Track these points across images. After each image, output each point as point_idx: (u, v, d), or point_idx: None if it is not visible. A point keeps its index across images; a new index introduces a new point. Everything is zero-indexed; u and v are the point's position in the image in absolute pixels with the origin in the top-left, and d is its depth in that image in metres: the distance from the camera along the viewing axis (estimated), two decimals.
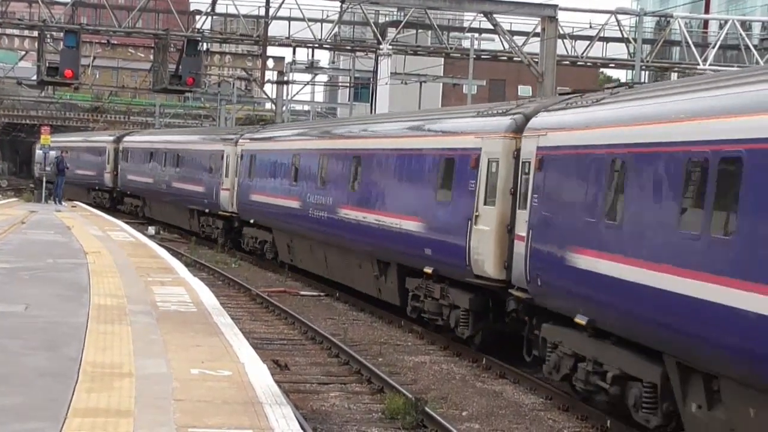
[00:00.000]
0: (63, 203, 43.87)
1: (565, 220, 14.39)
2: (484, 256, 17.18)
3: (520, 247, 15.85)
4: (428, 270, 19.33)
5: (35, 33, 42.86)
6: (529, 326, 15.99)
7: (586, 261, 13.47)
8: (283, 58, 58.96)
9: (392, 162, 21.95)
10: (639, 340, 12.29)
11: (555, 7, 39.45)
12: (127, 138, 56.89)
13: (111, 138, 58.62)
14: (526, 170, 16.13)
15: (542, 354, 15.30)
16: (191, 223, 40.81)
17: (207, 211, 38.19)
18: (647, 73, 59.98)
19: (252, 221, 32.95)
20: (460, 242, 17.97)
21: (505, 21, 42.28)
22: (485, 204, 17.48)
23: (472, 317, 18.08)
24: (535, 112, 16.76)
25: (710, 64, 46.33)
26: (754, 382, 9.83)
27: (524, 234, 15.67)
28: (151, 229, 40.88)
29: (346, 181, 24.47)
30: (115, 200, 55.62)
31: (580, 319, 13.54)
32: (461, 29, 50.22)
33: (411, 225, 20.30)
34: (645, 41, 45.91)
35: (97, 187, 58.78)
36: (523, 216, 15.98)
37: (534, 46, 40.94)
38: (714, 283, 10.42)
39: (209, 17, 44.09)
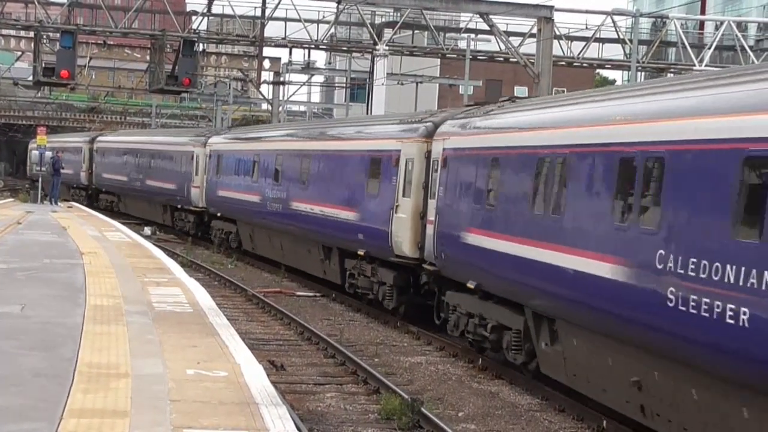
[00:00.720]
0: (59, 204, 43.76)
1: (461, 206, 18.11)
2: (402, 239, 20.78)
3: (429, 230, 19.60)
4: (361, 252, 22.94)
5: (31, 34, 42.83)
6: (438, 294, 19.80)
7: (474, 238, 17.30)
8: (280, 58, 58.96)
9: (334, 162, 25.86)
10: (509, 297, 16.22)
11: (551, 8, 39.49)
12: (100, 138, 60.20)
13: (86, 138, 61.46)
14: (435, 168, 19.88)
15: (446, 316, 18.88)
16: (164, 218, 44.37)
17: (179, 206, 41.75)
18: (643, 73, 60.07)
19: (219, 214, 36.69)
20: (384, 228, 21.60)
21: (502, 22, 42.29)
22: (403, 196, 21.03)
23: (396, 291, 21.65)
24: (443, 120, 20.43)
25: (706, 65, 46.39)
26: (578, 321, 13.82)
27: (433, 219, 19.46)
28: (147, 230, 40.88)
29: (297, 178, 28.21)
30: (90, 197, 58.80)
31: (471, 284, 17.25)
32: (457, 30, 50.24)
33: (348, 215, 24.07)
34: (641, 42, 45.95)
35: (75, 185, 61.81)
36: (432, 204, 19.68)
37: (530, 46, 40.96)
38: (546, 249, 14.46)
39: (205, 18, 44.08)
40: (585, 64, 47.64)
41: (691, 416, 11.33)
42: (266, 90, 62.34)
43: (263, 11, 40.53)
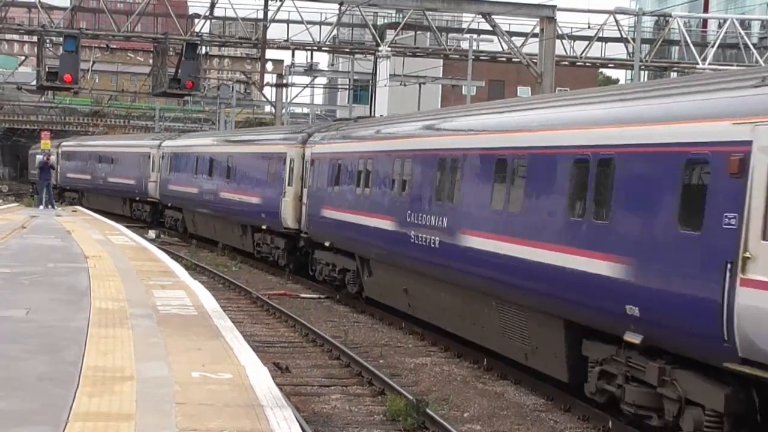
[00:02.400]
0: (56, 206, 43.65)
1: (321, 192, 26.69)
2: (288, 216, 29.54)
3: (304, 209, 28.30)
4: (264, 227, 31.71)
5: (35, 38, 42.86)
6: (311, 254, 28.03)
7: (328, 212, 25.84)
8: (282, 60, 58.91)
9: (246, 161, 34.98)
10: (348, 249, 24.39)
11: (553, 7, 39.48)
12: (65, 143, 68.23)
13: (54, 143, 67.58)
14: (308, 166, 28.47)
15: (316, 268, 27.34)
16: (123, 209, 52.39)
17: (137, 199, 50.58)
18: (646, 72, 59.99)
19: (170, 205, 45.54)
20: (277, 209, 30.21)
21: (504, 22, 42.29)
22: (288, 185, 29.78)
23: (286, 253, 30.29)
24: (313, 132, 29.56)
25: (709, 63, 46.35)
26: (380, 259, 21.95)
27: (305, 201, 28.12)
28: (152, 233, 40.91)
29: (224, 174, 36.81)
30: (59, 195, 64.07)
31: (327, 244, 25.71)
32: (460, 30, 50.23)
33: (256, 200, 32.67)
34: (644, 41, 45.94)
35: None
36: (306, 192, 28.37)
37: (533, 46, 40.97)
38: (362, 215, 22.13)
39: (208, 21, 44.16)
40: (588, 64, 47.63)
41: (438, 308, 19.21)
42: (269, 92, 62.43)
43: (265, 13, 40.56)
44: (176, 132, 58.39)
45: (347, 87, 66.53)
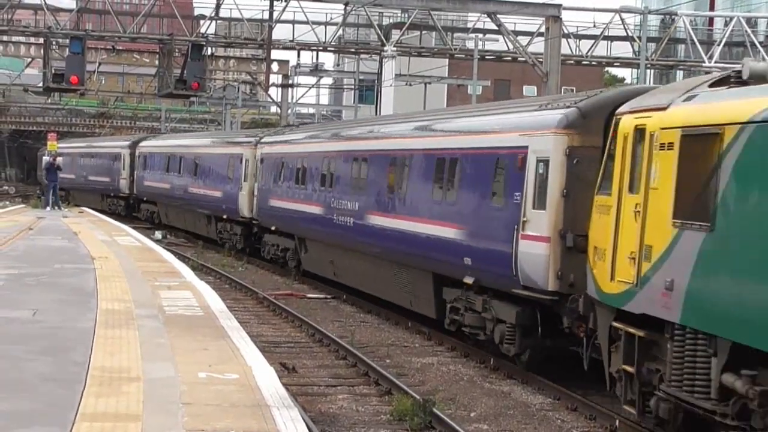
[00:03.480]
0: (62, 208, 43.67)
1: (267, 186, 31.83)
2: (244, 207, 34.32)
3: (255, 201, 33.18)
4: (225, 217, 36.91)
5: (41, 40, 42.92)
6: (262, 237, 33.15)
7: (273, 202, 31.02)
8: (288, 61, 58.94)
9: (212, 160, 39.76)
10: (288, 231, 29.74)
11: (559, 6, 39.46)
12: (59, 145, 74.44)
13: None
14: (260, 164, 33.25)
15: (265, 249, 32.62)
16: (102, 204, 56.86)
17: (112, 194, 56.25)
18: (652, 71, 59.86)
19: (145, 199, 50.60)
20: (235, 201, 35.07)
21: (509, 21, 42.28)
22: (244, 181, 34.50)
23: (242, 238, 35.53)
24: (264, 136, 34.87)
25: (716, 62, 46.28)
26: (312, 238, 27.46)
27: (256, 194, 33.09)
28: (158, 234, 40.95)
29: (192, 171, 41.89)
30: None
31: (273, 228, 31.26)
32: (465, 30, 50.26)
33: (218, 194, 37.67)
34: (650, 39, 45.86)
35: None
36: (258, 186, 33.12)
37: (538, 45, 40.93)
38: (300, 204, 28.00)
39: (213, 22, 44.15)
40: (594, 62, 47.60)
41: (355, 274, 24.59)
42: (275, 93, 62.40)
43: (271, 14, 40.58)
44: (156, 133, 66.07)
45: (353, 87, 66.54)
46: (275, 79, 56.32)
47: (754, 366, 10.10)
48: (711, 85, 12.06)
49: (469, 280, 17.81)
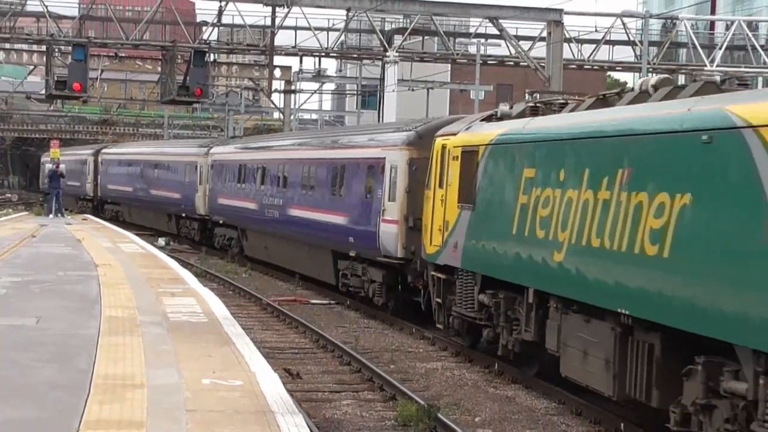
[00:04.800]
0: (64, 215, 43.64)
1: (216, 187, 38.03)
2: (200, 206, 40.10)
3: (207, 200, 39.20)
4: (184, 215, 43.04)
5: (43, 47, 42.95)
6: (212, 231, 39.32)
7: (221, 200, 37.33)
8: (290, 67, 58.97)
9: (171, 166, 45.53)
10: (233, 223, 36.30)
11: (560, 11, 39.47)
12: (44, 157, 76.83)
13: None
14: (210, 170, 39.45)
15: (216, 240, 38.62)
16: (74, 207, 60.36)
17: (82, 197, 62.51)
18: (654, 75, 59.45)
19: (109, 200, 57.24)
20: (192, 202, 41.04)
21: (511, 26, 42.29)
22: (200, 184, 40.37)
23: (198, 232, 41.47)
24: (215, 144, 41.93)
25: (717, 65, 46.23)
26: (253, 228, 34.22)
27: (209, 194, 39.10)
28: (161, 241, 40.97)
29: (153, 176, 48.22)
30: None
31: (221, 221, 37.65)
32: (467, 35, 50.20)
33: (177, 195, 43.38)
34: (651, 44, 45.85)
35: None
36: (209, 187, 39.14)
37: (540, 50, 40.94)
38: (241, 201, 34.70)
39: (216, 28, 44.17)
40: (596, 67, 47.55)
41: (282, 256, 31.14)
42: (277, 99, 62.42)
43: (273, 20, 40.60)
44: (110, 144, 72.44)
45: (355, 93, 66.56)
46: (278, 85, 56.35)
47: (494, 288, 16.63)
48: (482, 120, 18.23)
49: (353, 253, 24.60)
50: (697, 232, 10.93)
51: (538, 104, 16.94)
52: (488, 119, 18.03)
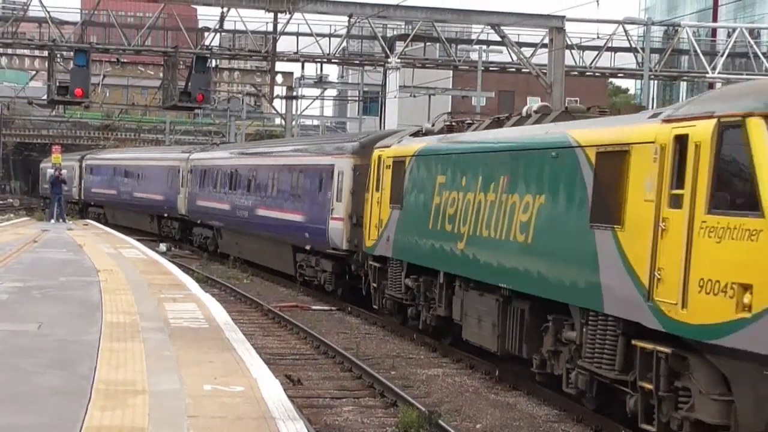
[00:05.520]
0: (66, 221, 43.64)
1: (194, 190, 41.52)
2: (181, 207, 43.36)
3: (186, 202, 42.49)
4: (166, 215, 46.64)
5: (45, 53, 43.00)
6: (191, 229, 42.74)
7: (199, 202, 40.84)
8: (292, 73, 59.00)
9: (152, 171, 49.35)
10: (208, 223, 40.05)
11: (562, 18, 39.48)
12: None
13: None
14: (189, 174, 42.62)
15: (194, 238, 42.07)
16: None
17: (68, 200, 60.79)
18: (656, 82, 59.74)
19: (93, 203, 60.92)
20: (174, 203, 44.35)
21: (513, 33, 42.29)
22: (181, 186, 43.56)
23: (180, 231, 44.91)
24: (194, 150, 45.57)
25: (719, 73, 46.26)
26: (226, 226, 38.01)
27: (188, 197, 42.14)
28: (163, 246, 41.00)
29: (136, 180, 51.96)
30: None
31: (198, 221, 41.40)
32: (469, 41, 50.26)
33: (160, 198, 46.86)
34: (653, 50, 45.87)
35: None
36: (189, 190, 42.44)
37: (542, 57, 40.96)
38: (217, 203, 38.44)
39: (218, 34, 44.21)
40: (597, 74, 47.57)
41: (251, 251, 34.70)
42: (279, 105, 62.49)
43: (275, 26, 40.63)
44: (94, 151, 75.68)
45: (357, 99, 66.60)
46: (279, 90, 56.38)
47: (416, 273, 20.12)
48: (411, 135, 21.78)
49: (308, 247, 28.24)
50: (548, 224, 14.61)
51: (452, 123, 20.73)
52: (416, 135, 21.59)
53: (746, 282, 10.38)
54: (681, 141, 11.57)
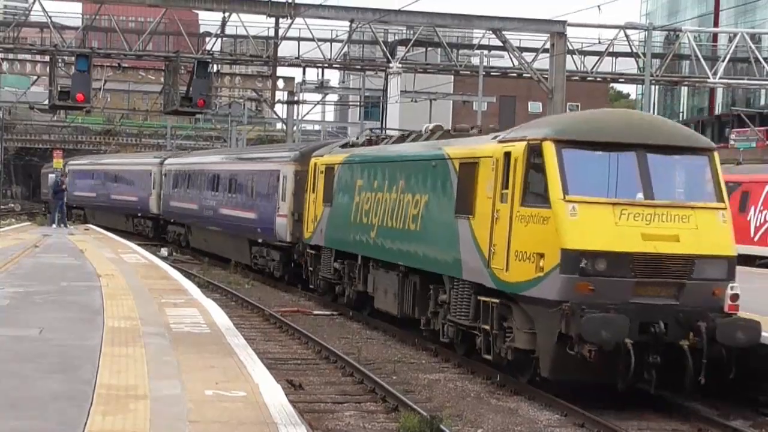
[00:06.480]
0: (67, 226, 43.63)
1: (168, 191, 46.87)
2: (153, 207, 48.90)
3: (162, 202, 47.91)
4: (140, 215, 51.45)
5: (47, 58, 43.05)
6: (165, 227, 47.80)
7: (172, 203, 46.30)
8: (293, 78, 59.11)
9: (127, 174, 55.01)
10: (181, 222, 45.15)
11: (564, 23, 39.50)
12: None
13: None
14: (164, 178, 47.97)
15: (168, 235, 47.20)
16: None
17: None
18: (657, 87, 59.66)
19: (75, 206, 61.76)
20: (147, 203, 49.83)
21: (514, 37, 42.33)
22: (153, 188, 48.76)
23: (153, 229, 49.60)
24: (168, 156, 51.50)
25: (720, 78, 46.27)
26: (197, 225, 43.18)
27: (161, 198, 47.83)
28: (164, 251, 41.00)
29: (114, 182, 57.01)
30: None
31: (173, 220, 46.54)
32: (470, 46, 50.28)
33: (134, 198, 52.25)
34: (654, 55, 45.89)
35: None
36: (163, 192, 47.69)
37: (543, 62, 40.98)
38: (187, 204, 43.69)
39: (219, 39, 44.33)
40: (599, 79, 47.60)
41: (217, 245, 39.66)
42: (280, 109, 62.50)
43: (276, 31, 40.68)
44: (80, 157, 79.19)
45: (358, 104, 66.63)
46: (281, 95, 56.46)
47: (342, 258, 24.69)
48: (341, 146, 26.63)
49: (260, 240, 33.27)
50: (429, 216, 19.37)
51: (371, 137, 25.62)
52: (344, 146, 26.47)
53: (541, 252, 15.10)
54: (507, 156, 16.25)
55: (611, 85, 74.95)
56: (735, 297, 15.09)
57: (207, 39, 45.54)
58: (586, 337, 14.35)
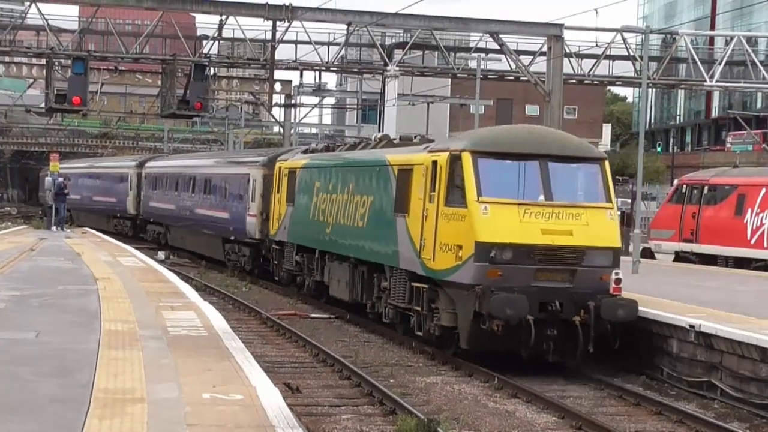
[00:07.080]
0: (65, 229, 43.57)
1: (148, 193, 50.05)
2: (131, 207, 52.62)
3: (141, 203, 50.54)
4: (119, 215, 54.52)
5: (43, 60, 43.00)
6: (144, 227, 50.44)
7: (151, 203, 49.02)
8: (291, 81, 59.11)
9: (108, 177, 58.50)
10: (160, 221, 47.54)
11: (561, 26, 39.53)
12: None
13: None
14: (144, 180, 51.06)
15: (147, 234, 49.40)
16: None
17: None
18: (654, 90, 59.67)
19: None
20: (125, 204, 53.61)
21: (512, 41, 42.33)
22: (130, 190, 52.65)
23: (132, 228, 52.50)
24: (148, 159, 54.80)
25: (717, 81, 46.29)
26: (174, 225, 45.95)
27: (142, 199, 50.87)
28: (161, 254, 40.97)
29: (97, 185, 60.40)
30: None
31: (152, 220, 49.11)
32: (468, 50, 50.31)
33: (114, 200, 55.92)
34: (651, 59, 45.90)
35: None
36: (142, 193, 50.74)
37: (540, 65, 40.98)
38: (166, 204, 46.07)
39: (216, 42, 44.24)
40: (596, 82, 47.61)
41: (194, 243, 41.99)
42: (278, 113, 62.53)
43: (273, 34, 40.66)
44: (72, 160, 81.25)
45: (355, 107, 66.66)
46: (278, 99, 56.44)
47: (303, 252, 27.45)
48: (302, 152, 29.35)
49: (233, 238, 35.80)
50: (374, 214, 22.17)
51: (329, 144, 29.32)
52: (306, 152, 29.19)
53: (460, 244, 18.08)
54: (435, 164, 19.23)
55: (608, 88, 75.02)
56: (618, 281, 17.95)
57: (204, 42, 45.49)
58: (495, 314, 17.27)
